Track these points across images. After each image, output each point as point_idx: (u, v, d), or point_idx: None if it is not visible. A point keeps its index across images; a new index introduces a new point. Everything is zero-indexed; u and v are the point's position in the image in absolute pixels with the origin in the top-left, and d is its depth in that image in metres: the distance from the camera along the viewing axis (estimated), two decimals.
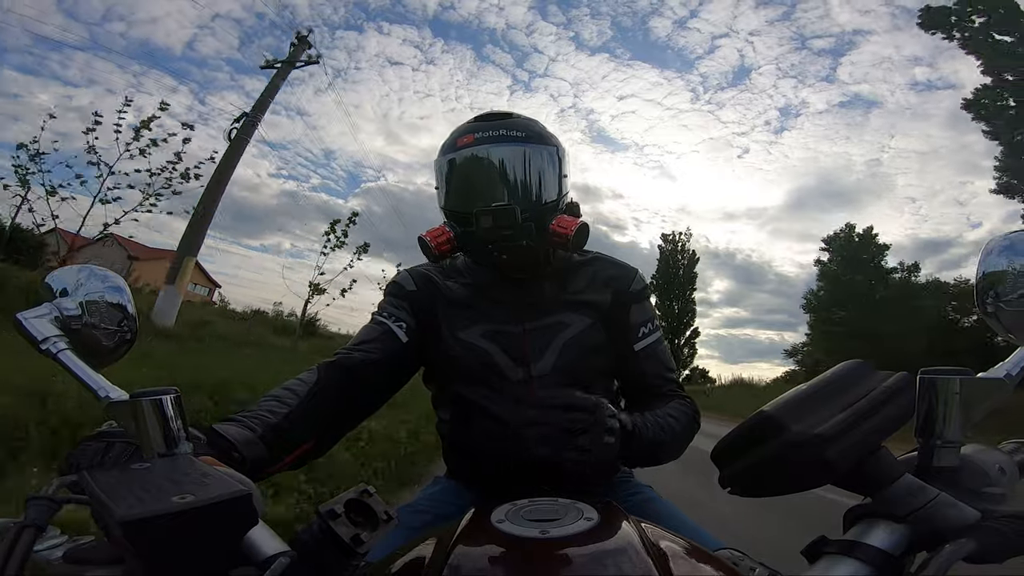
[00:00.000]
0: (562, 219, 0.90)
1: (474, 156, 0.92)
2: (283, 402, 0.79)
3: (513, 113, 0.97)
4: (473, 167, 0.92)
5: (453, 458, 1.04)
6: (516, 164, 0.92)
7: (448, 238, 0.91)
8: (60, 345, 0.61)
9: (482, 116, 0.97)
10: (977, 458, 0.46)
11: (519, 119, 0.96)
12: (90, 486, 0.36)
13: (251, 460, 0.68)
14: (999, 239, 0.59)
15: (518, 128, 0.93)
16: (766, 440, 0.44)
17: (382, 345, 0.93)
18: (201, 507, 0.34)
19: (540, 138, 0.94)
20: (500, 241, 0.88)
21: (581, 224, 0.90)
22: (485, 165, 0.92)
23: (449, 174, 0.95)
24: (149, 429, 0.50)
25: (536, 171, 0.92)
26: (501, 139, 0.91)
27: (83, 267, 0.70)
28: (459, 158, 0.93)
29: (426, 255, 0.92)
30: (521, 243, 0.88)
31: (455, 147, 0.93)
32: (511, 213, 0.87)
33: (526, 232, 0.88)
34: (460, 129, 0.96)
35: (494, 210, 0.87)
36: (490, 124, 0.93)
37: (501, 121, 0.94)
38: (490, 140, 0.91)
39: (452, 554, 0.48)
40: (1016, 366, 0.51)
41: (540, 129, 0.96)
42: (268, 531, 0.43)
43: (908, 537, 0.42)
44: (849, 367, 0.49)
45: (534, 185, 0.92)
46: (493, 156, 0.91)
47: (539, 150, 0.93)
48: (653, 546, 0.49)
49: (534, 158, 0.92)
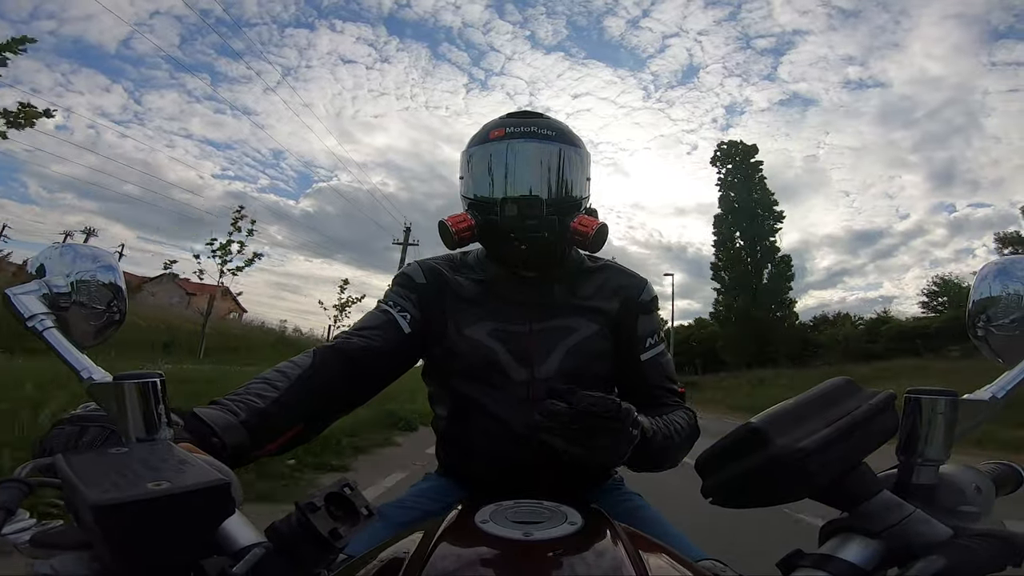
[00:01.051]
0: (583, 218, 0.93)
1: (504, 148, 0.94)
2: (273, 385, 0.79)
3: (543, 113, 1.00)
4: (503, 158, 0.94)
5: (447, 455, 1.03)
6: (545, 159, 0.94)
7: (469, 225, 0.93)
8: (47, 323, 0.60)
9: (514, 113, 1.00)
10: (955, 477, 0.47)
11: (550, 119, 0.98)
12: (63, 469, 0.36)
13: (232, 446, 0.67)
14: (993, 264, 0.60)
15: (549, 127, 0.96)
16: (750, 452, 0.44)
17: (383, 333, 0.93)
18: (176, 494, 0.34)
19: (569, 139, 0.97)
20: (523, 230, 0.90)
21: (602, 224, 0.92)
22: (515, 157, 0.94)
23: (477, 164, 0.97)
24: (130, 413, 0.50)
25: (563, 169, 0.95)
26: (532, 135, 0.94)
27: (75, 245, 0.70)
28: (489, 149, 0.95)
29: (445, 240, 0.94)
30: (543, 235, 0.90)
31: (486, 139, 0.96)
32: (538, 203, 0.90)
33: (549, 225, 0.90)
34: (492, 124, 0.98)
35: (520, 199, 0.90)
36: (522, 120, 0.96)
37: (533, 119, 0.97)
38: (521, 135, 0.94)
39: (433, 552, 0.48)
40: (1002, 389, 0.51)
41: (569, 131, 0.99)
42: (245, 521, 0.42)
43: (881, 553, 0.42)
44: (835, 384, 0.49)
45: (559, 182, 0.94)
46: (523, 149, 0.94)
47: (568, 150, 0.95)
48: (635, 554, 0.49)
49: (562, 156, 0.95)
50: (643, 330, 0.99)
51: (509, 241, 0.91)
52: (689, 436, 0.92)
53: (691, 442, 0.93)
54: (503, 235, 0.91)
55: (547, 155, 0.94)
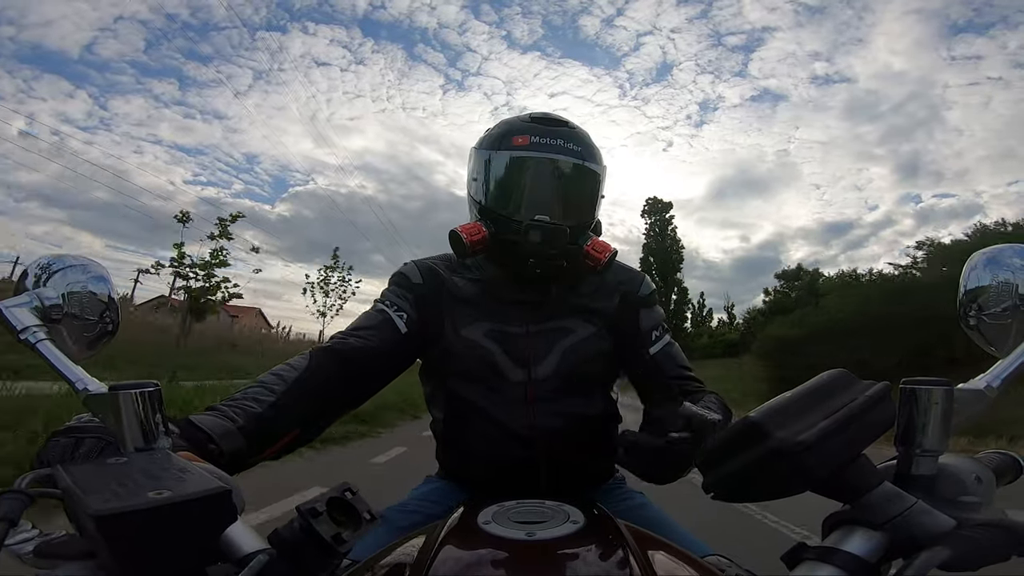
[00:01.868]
0: (597, 242, 0.90)
1: (529, 161, 0.90)
2: (269, 389, 0.78)
3: (568, 121, 0.95)
4: (526, 173, 0.91)
5: (446, 457, 1.03)
6: (570, 181, 0.91)
7: (483, 237, 0.89)
8: (39, 335, 0.60)
9: (538, 118, 0.94)
10: (954, 467, 0.47)
11: (576, 130, 0.94)
12: (64, 480, 0.36)
13: (229, 452, 0.66)
14: (981, 254, 0.60)
15: (576, 141, 0.91)
16: (750, 446, 0.44)
17: (380, 333, 0.92)
18: (178, 503, 0.34)
19: (593, 156, 0.93)
20: (544, 259, 0.88)
21: (614, 251, 0.90)
22: (540, 174, 0.90)
23: (496, 172, 0.93)
24: (127, 423, 0.49)
25: (587, 191, 0.93)
26: (559, 150, 0.90)
27: (66, 256, 0.69)
28: (511, 158, 0.91)
29: (456, 250, 0.91)
30: (562, 264, 0.89)
31: (509, 145, 0.91)
32: (563, 234, 0.87)
33: (569, 254, 0.89)
34: (513, 126, 0.93)
35: (544, 227, 0.86)
36: (548, 129, 0.91)
37: (559, 128, 0.92)
38: (547, 148, 0.90)
39: (437, 554, 0.48)
40: (997, 378, 0.52)
41: (593, 145, 0.95)
42: (247, 528, 0.42)
43: (885, 544, 0.42)
44: (832, 375, 0.49)
45: (582, 205, 0.92)
46: (549, 167, 0.90)
47: (591, 169, 0.92)
48: (638, 551, 0.49)
49: (586, 177, 0.92)
50: (646, 324, 0.99)
51: (526, 264, 0.89)
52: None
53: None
54: (521, 257, 0.89)
55: (574, 176, 0.91)
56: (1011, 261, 0.58)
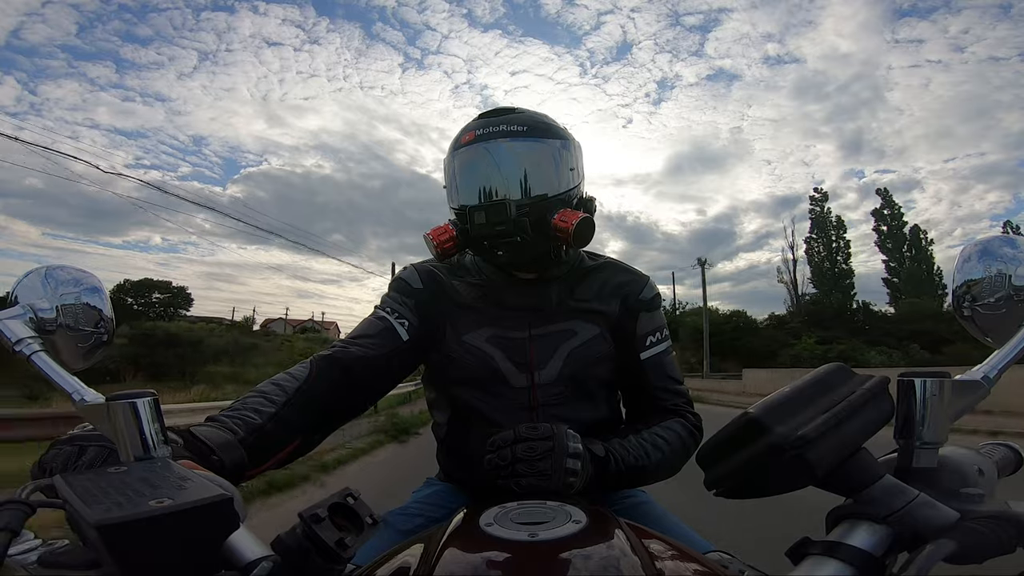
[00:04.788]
0: (564, 212, 0.87)
1: (473, 152, 0.90)
2: (270, 399, 0.78)
3: (517, 108, 0.95)
4: (471, 164, 0.91)
5: (448, 461, 1.02)
6: (512, 159, 0.89)
7: (451, 236, 0.90)
8: (34, 347, 0.59)
9: (486, 113, 0.96)
10: (956, 459, 0.47)
11: (522, 114, 0.93)
12: (65, 489, 0.35)
13: (231, 464, 0.66)
14: (974, 245, 0.61)
15: (519, 123, 0.91)
16: (750, 442, 0.45)
17: (382, 341, 0.91)
18: (179, 511, 0.34)
19: (543, 131, 0.92)
20: (494, 237, 0.87)
21: (583, 218, 0.86)
22: (482, 161, 0.90)
23: (451, 172, 0.94)
24: (126, 432, 0.49)
25: (534, 165, 0.90)
26: (500, 134, 0.90)
27: (59, 267, 0.69)
28: (460, 155, 0.92)
29: (432, 253, 0.91)
30: (516, 239, 0.86)
31: (459, 145, 0.92)
32: (502, 208, 0.85)
33: (520, 227, 0.86)
34: (465, 127, 0.95)
35: (486, 206, 0.87)
36: (491, 120, 0.92)
37: (503, 117, 0.92)
38: (489, 136, 0.90)
39: (440, 557, 0.48)
40: (993, 368, 0.52)
41: (544, 122, 0.94)
42: (250, 535, 0.42)
43: (889, 538, 0.42)
44: (829, 370, 0.49)
45: (531, 179, 0.89)
46: (490, 152, 0.89)
47: (540, 144, 0.91)
48: (641, 549, 0.49)
49: (533, 152, 0.90)
50: (644, 328, 0.98)
51: (485, 249, 0.89)
52: (679, 448, 0.90)
53: (683, 454, 0.90)
54: (478, 244, 0.89)
55: (517, 153, 0.89)
56: (1003, 251, 0.59)
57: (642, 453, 0.83)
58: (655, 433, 0.88)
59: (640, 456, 0.83)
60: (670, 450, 0.88)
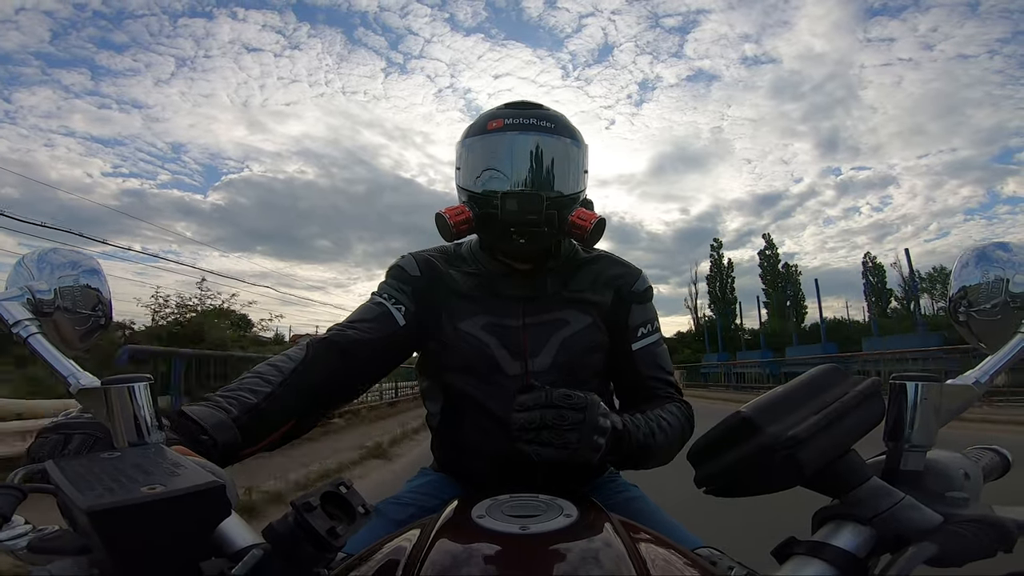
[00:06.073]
0: (581, 211, 0.92)
1: (503, 140, 0.92)
2: (265, 380, 0.78)
3: (543, 104, 0.98)
4: (502, 151, 0.93)
5: (442, 450, 1.03)
6: (544, 153, 0.93)
7: (467, 217, 0.92)
8: (31, 329, 0.59)
9: (512, 104, 0.98)
10: (942, 463, 0.47)
11: (549, 110, 0.97)
12: (56, 475, 0.36)
13: (223, 444, 0.66)
14: (971, 251, 0.61)
15: (548, 119, 0.94)
16: (742, 441, 0.45)
17: (378, 325, 0.92)
18: (171, 498, 0.34)
19: (568, 131, 0.95)
20: (524, 226, 0.89)
21: (600, 219, 0.91)
22: (514, 150, 0.92)
23: (475, 155, 0.95)
24: (120, 417, 0.49)
25: (562, 162, 0.93)
26: (531, 127, 0.92)
27: (57, 249, 0.69)
28: (487, 140, 0.94)
29: (442, 233, 0.92)
30: (543, 230, 0.89)
31: (484, 130, 0.94)
32: (538, 199, 0.88)
33: (548, 220, 0.89)
34: (489, 114, 0.97)
35: (520, 194, 0.89)
36: (521, 112, 0.94)
37: (532, 110, 0.95)
38: (520, 127, 0.92)
39: (431, 548, 0.48)
40: (985, 373, 0.52)
41: (568, 123, 0.97)
42: (241, 523, 0.42)
43: (873, 539, 0.43)
44: (823, 371, 0.50)
45: (559, 176, 0.93)
46: (523, 142, 0.92)
47: (566, 143, 0.94)
48: (631, 543, 0.50)
49: (561, 149, 0.93)
50: (636, 320, 0.99)
51: (508, 236, 0.90)
52: (680, 431, 0.91)
53: (681, 439, 0.92)
54: (503, 229, 0.90)
55: (547, 148, 0.92)
56: (1001, 257, 0.59)
57: (648, 432, 0.84)
58: (659, 415, 0.89)
59: (647, 435, 0.84)
60: (672, 432, 0.89)
